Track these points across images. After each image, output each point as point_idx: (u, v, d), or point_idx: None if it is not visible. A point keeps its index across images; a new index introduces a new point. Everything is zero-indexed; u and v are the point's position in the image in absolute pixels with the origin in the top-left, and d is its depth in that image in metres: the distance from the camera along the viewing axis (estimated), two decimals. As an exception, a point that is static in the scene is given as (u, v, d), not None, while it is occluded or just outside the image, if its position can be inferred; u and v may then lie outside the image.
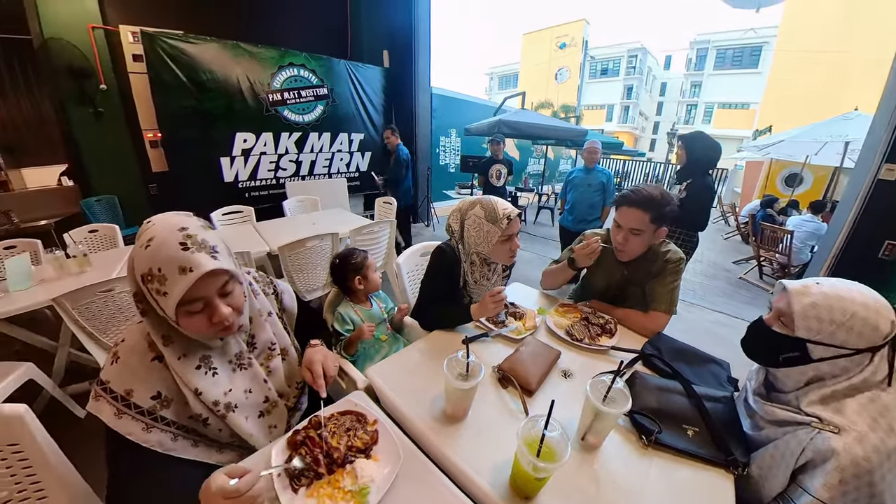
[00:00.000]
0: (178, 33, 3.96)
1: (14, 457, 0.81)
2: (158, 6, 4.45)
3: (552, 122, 6.69)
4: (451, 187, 7.22)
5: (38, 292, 1.94)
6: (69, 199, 4.71)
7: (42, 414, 0.84)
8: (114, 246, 2.96)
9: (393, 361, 1.14)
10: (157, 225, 0.68)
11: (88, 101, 4.21)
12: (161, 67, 3.86)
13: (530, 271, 4.07)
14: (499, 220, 1.21)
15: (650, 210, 1.24)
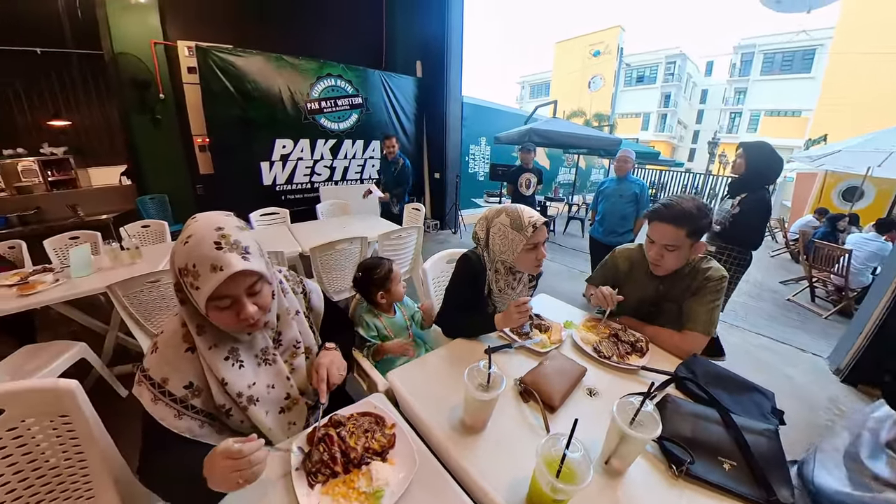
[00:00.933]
0: (227, 47, 4.26)
1: (64, 427, 0.89)
2: (212, 22, 4.81)
3: (584, 131, 6.55)
4: (480, 195, 7.22)
5: (95, 279, 2.13)
6: (127, 197, 5.15)
7: (90, 391, 0.92)
8: (162, 240, 3.20)
9: (414, 366, 1.14)
10: (198, 223, 0.73)
11: (148, 110, 4.60)
12: (212, 78, 4.17)
13: (558, 283, 3.98)
14: (524, 228, 1.19)
15: (685, 225, 1.17)
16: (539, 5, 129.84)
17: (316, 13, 5.57)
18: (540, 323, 1.33)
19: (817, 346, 2.95)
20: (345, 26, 5.83)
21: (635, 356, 1.17)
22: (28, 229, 4.42)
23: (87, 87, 5.57)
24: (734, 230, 2.18)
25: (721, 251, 2.25)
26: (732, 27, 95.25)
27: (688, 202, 1.19)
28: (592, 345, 1.21)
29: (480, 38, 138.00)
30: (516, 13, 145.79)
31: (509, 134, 5.89)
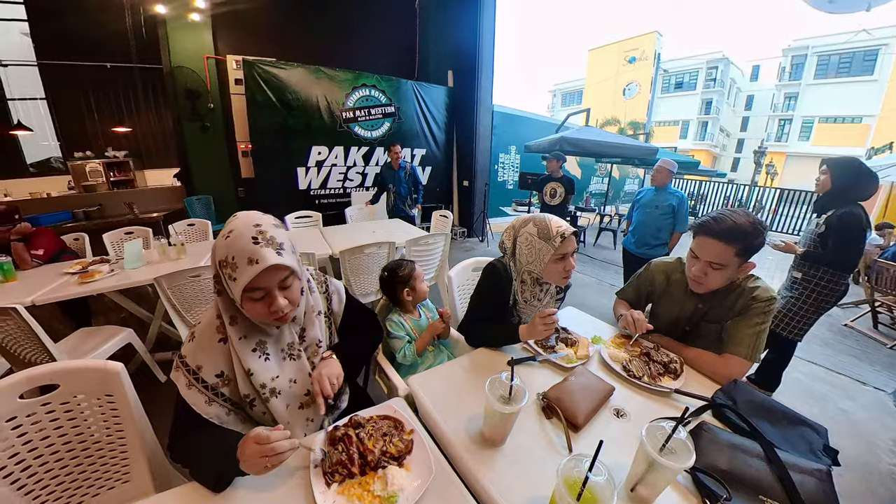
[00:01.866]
0: (271, 60, 4.54)
1: (108, 406, 0.97)
2: (257, 38, 5.15)
3: (618, 140, 6.37)
4: (508, 204, 7.18)
5: (144, 272, 2.30)
6: (176, 197, 5.56)
7: (133, 374, 1.00)
8: (205, 238, 3.42)
9: (435, 374, 1.14)
10: (238, 220, 0.79)
11: (198, 118, 4.96)
12: (256, 89, 4.44)
13: (587, 296, 3.85)
14: (552, 238, 1.16)
15: (736, 242, 1.07)
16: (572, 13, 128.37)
17: (353, 26, 5.81)
18: (566, 337, 1.29)
19: (880, 380, 2.67)
20: (380, 38, 6.05)
21: (668, 378, 1.10)
22: (91, 223, 4.86)
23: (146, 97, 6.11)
24: (822, 251, 1.96)
25: (808, 278, 2.02)
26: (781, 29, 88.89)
27: (741, 217, 1.09)
28: (622, 363, 1.15)
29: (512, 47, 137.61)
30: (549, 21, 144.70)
31: (539, 142, 5.82)
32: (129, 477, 1.01)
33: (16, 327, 1.68)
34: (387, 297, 1.52)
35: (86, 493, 0.98)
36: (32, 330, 1.67)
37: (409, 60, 6.41)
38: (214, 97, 4.96)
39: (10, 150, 6.32)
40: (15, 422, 0.87)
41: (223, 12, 4.89)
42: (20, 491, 0.87)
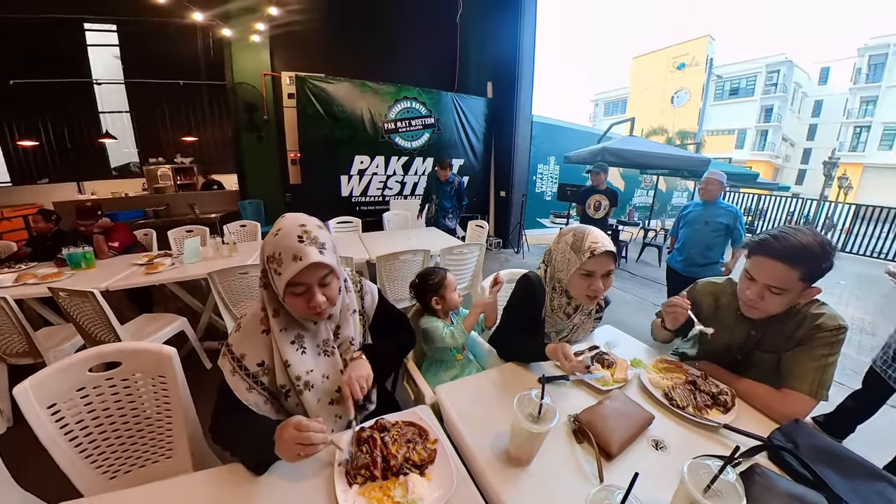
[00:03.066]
0: (320, 76, 4.86)
1: (161, 386, 1.07)
2: (309, 55, 5.51)
3: (665, 150, 6.04)
4: (546, 215, 7.03)
5: (200, 266, 2.52)
6: (232, 200, 6.05)
7: (183, 359, 1.09)
8: (255, 239, 3.68)
9: (463, 384, 1.13)
10: (286, 220, 0.85)
11: (255, 129, 5.38)
12: (306, 102, 4.75)
13: (627, 315, 3.64)
14: (581, 252, 1.11)
15: (801, 265, 0.95)
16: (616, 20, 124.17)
17: (397, 42, 6.05)
18: (603, 357, 1.22)
19: None
20: (422, 53, 6.24)
21: (716, 411, 1.00)
22: (158, 221, 5.40)
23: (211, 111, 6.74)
24: None
25: None
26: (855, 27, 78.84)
27: (807, 236, 0.96)
28: (663, 390, 1.07)
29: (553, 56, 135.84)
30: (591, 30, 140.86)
31: (580, 153, 5.66)
32: (172, 454, 1.10)
33: (91, 309, 1.91)
34: (419, 303, 1.53)
35: (134, 463, 1.08)
36: (104, 312, 1.89)
37: (450, 73, 6.54)
38: (269, 110, 5.37)
39: (98, 156, 7.20)
40: (83, 392, 1.00)
41: (280, 33, 5.32)
42: (82, 454, 0.99)
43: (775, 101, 23.54)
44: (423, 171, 5.73)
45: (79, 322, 2.02)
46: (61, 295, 1.94)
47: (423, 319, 1.43)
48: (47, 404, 0.94)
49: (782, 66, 23.20)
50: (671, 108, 24.77)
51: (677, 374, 1.15)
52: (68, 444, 0.96)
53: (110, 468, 1.04)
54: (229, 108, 5.49)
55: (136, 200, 6.09)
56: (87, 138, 6.94)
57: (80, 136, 6.97)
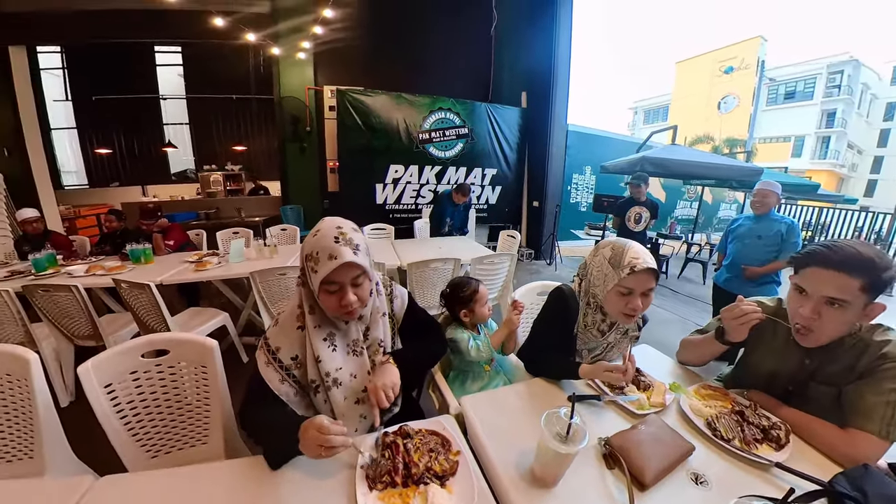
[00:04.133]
0: (359, 89, 5.09)
1: (202, 375, 1.15)
2: (349, 69, 5.81)
3: (711, 159, 5.70)
4: (581, 227, 6.83)
5: (243, 266, 2.69)
6: (274, 205, 6.44)
7: (223, 352, 1.17)
8: (294, 242, 3.88)
9: (489, 396, 1.11)
10: (325, 222, 0.91)
11: (298, 139, 5.71)
12: (346, 115, 4.97)
13: (666, 334, 3.43)
14: (620, 267, 1.06)
15: (862, 273, 0.85)
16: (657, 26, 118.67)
17: (433, 55, 6.22)
18: (640, 379, 1.14)
19: None
20: (456, 65, 6.37)
21: (767, 446, 0.90)
22: (209, 223, 5.84)
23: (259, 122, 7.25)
24: None
25: None
26: None
27: (862, 246, 0.88)
28: (706, 419, 0.98)
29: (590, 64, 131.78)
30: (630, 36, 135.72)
31: (618, 163, 5.46)
32: (207, 440, 1.18)
33: (147, 300, 2.10)
34: (448, 311, 1.52)
35: (173, 445, 1.17)
36: (158, 303, 2.06)
37: (484, 84, 6.61)
38: (311, 122, 5.67)
39: (160, 163, 7.95)
40: (135, 375, 1.10)
41: (323, 50, 5.65)
42: (130, 432, 1.09)
43: (839, 104, 21.28)
44: (455, 181, 5.78)
45: (136, 311, 2.23)
46: (123, 286, 2.15)
47: (450, 329, 1.42)
48: (105, 384, 1.04)
49: (846, 66, 21.05)
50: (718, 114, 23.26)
51: (722, 403, 1.06)
52: (119, 421, 1.06)
53: (153, 447, 1.13)
54: (276, 119, 5.88)
55: (190, 203, 6.65)
56: (152, 147, 7.68)
57: (147, 145, 7.73)
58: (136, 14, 5.26)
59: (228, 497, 0.77)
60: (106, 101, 7.17)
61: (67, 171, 7.95)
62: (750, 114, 21.78)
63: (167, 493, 0.78)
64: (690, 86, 25.01)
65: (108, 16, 5.27)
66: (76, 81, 7.32)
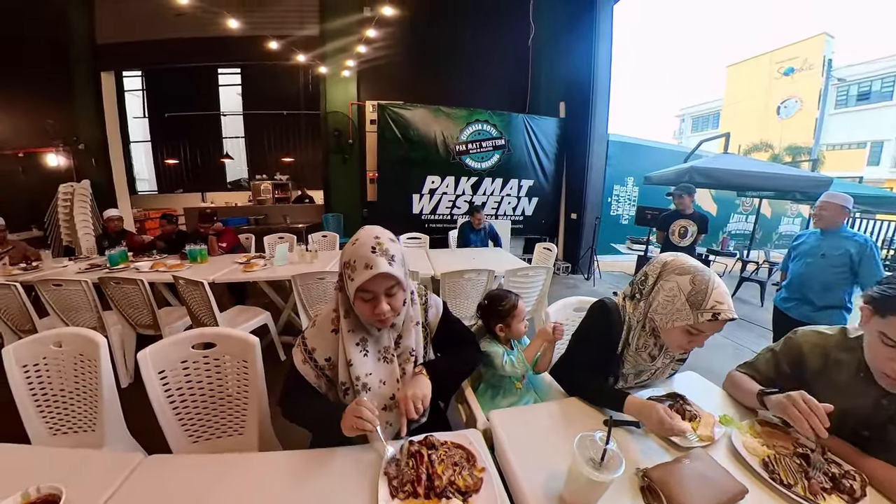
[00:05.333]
0: (399, 103, 5.31)
1: (243, 370, 1.23)
2: (389, 84, 6.06)
3: (769, 169, 5.23)
4: (622, 241, 6.52)
5: (286, 269, 2.86)
6: (317, 213, 6.80)
7: (263, 349, 1.23)
8: (333, 248, 4.07)
9: (519, 413, 1.09)
10: (364, 231, 0.94)
11: (341, 151, 6.01)
12: (386, 127, 5.18)
13: (717, 360, 3.12)
14: (701, 310, 0.94)
15: None
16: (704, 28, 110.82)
17: (470, 67, 6.34)
18: (685, 408, 1.04)
19: None
20: (494, 77, 6.44)
21: (838, 498, 0.78)
22: (258, 228, 6.27)
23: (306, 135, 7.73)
24: None
25: None
26: None
27: None
28: (762, 458, 0.88)
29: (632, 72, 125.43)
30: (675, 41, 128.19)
31: (663, 173, 5.17)
32: (244, 432, 1.25)
33: (200, 296, 2.29)
34: (483, 324, 1.48)
35: (213, 433, 1.25)
36: (209, 300, 2.25)
37: (521, 95, 6.60)
38: (354, 135, 5.95)
39: (218, 172, 8.69)
40: (185, 364, 1.20)
41: (366, 67, 5.97)
42: (177, 416, 1.19)
43: (925, 104, 18.76)
44: (491, 192, 5.78)
45: (190, 305, 2.45)
46: (180, 282, 2.37)
47: (483, 342, 1.39)
48: (159, 370, 1.15)
49: (933, 61, 18.44)
50: (777, 119, 21.28)
51: (782, 443, 0.93)
52: (168, 405, 1.16)
53: (195, 433, 1.22)
54: (321, 133, 6.24)
55: (242, 209, 7.20)
56: (211, 158, 8.42)
57: (207, 156, 8.49)
58: (204, 41, 5.88)
59: (258, 487, 0.82)
60: (175, 118, 7.99)
61: (141, 179, 8.91)
62: (815, 118, 19.62)
63: (205, 477, 0.84)
64: (744, 90, 23.13)
65: (180, 44, 5.95)
66: (152, 101, 8.25)
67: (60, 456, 0.93)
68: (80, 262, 3.35)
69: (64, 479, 0.74)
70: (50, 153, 6.15)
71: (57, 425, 1.25)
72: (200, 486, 0.82)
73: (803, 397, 0.86)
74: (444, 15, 6.08)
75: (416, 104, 5.34)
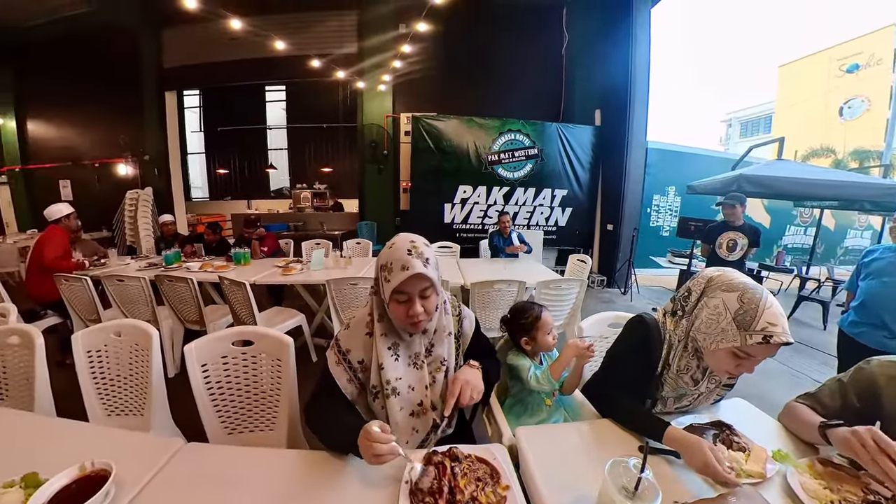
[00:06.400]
0: (432, 115, 5.44)
1: (277, 368, 1.27)
2: (423, 97, 6.23)
3: (831, 176, 4.74)
4: (662, 254, 6.19)
5: (321, 274, 2.99)
6: (352, 221, 7.07)
7: (296, 350, 1.27)
8: (366, 255, 4.21)
9: (547, 431, 1.05)
10: (400, 236, 0.97)
11: (376, 162, 6.21)
12: (419, 139, 5.31)
13: (770, 388, 2.84)
14: (749, 331, 0.85)
15: None
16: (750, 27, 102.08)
17: (503, 78, 6.37)
18: (733, 439, 0.94)
19: None
20: (527, 87, 6.42)
21: None
22: (296, 234, 6.63)
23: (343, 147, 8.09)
24: None
25: None
26: None
27: None
28: (823, 503, 0.80)
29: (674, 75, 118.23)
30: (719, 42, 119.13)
31: (708, 182, 4.84)
32: (274, 428, 1.30)
33: (242, 296, 2.45)
34: (509, 336, 1.45)
35: (245, 426, 1.31)
36: (250, 300, 2.41)
37: (555, 104, 6.54)
38: (388, 146, 6.14)
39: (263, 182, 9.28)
40: (225, 359, 1.27)
41: (401, 81, 6.17)
42: (215, 408, 1.26)
43: None
44: (523, 202, 5.72)
45: (232, 304, 2.63)
46: (225, 283, 2.55)
47: (511, 354, 1.36)
48: (202, 363, 1.23)
49: None
50: (839, 121, 19.31)
51: (849, 487, 0.82)
52: (208, 397, 1.24)
53: (230, 425, 1.29)
54: (357, 144, 6.49)
55: (283, 216, 7.64)
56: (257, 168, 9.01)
57: (253, 166, 9.10)
58: (254, 62, 6.43)
59: (285, 483, 0.84)
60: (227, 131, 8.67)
61: (195, 187, 9.70)
62: (886, 119, 17.54)
63: (237, 467, 0.89)
64: (799, 91, 21.17)
65: (233, 65, 6.57)
66: (208, 116, 9.01)
67: (112, 435, 1.03)
68: (140, 260, 3.75)
69: (114, 456, 0.81)
70: (120, 163, 7.05)
71: (111, 407, 1.39)
72: (232, 475, 0.86)
73: (873, 435, 0.76)
74: (476, 28, 6.20)
75: (448, 115, 5.44)
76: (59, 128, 7.45)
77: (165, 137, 6.88)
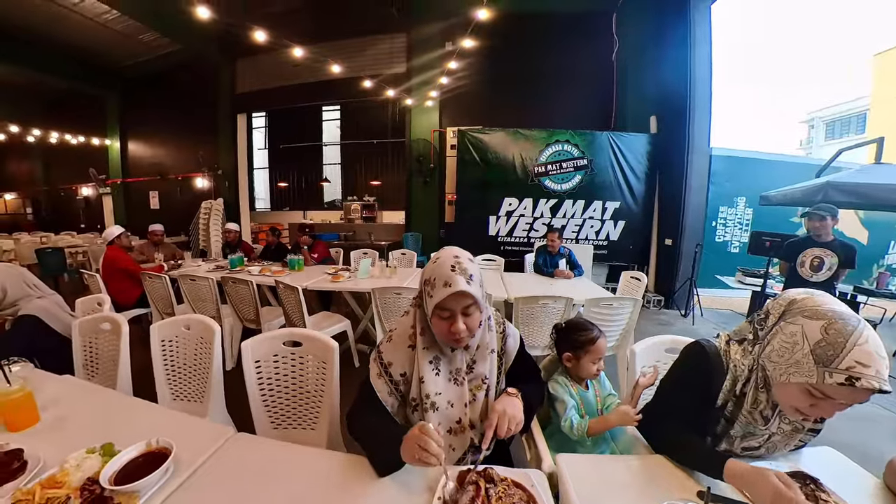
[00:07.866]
0: (478, 128, 5.51)
1: (322, 370, 1.34)
2: (469, 111, 6.36)
3: None
4: (730, 272, 5.54)
5: (367, 282, 3.11)
6: (398, 232, 7.32)
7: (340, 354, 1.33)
8: (411, 266, 4.32)
9: (592, 462, 0.96)
10: (444, 251, 0.97)
11: (422, 175, 6.40)
12: (465, 151, 5.37)
13: (868, 437, 2.36)
14: (829, 368, 0.71)
15: None
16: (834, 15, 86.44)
17: (551, 88, 6.27)
18: (818, 496, 0.79)
19: None
20: (575, 96, 6.27)
21: None
22: (346, 243, 7.04)
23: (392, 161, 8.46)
24: None
25: None
26: None
27: None
28: None
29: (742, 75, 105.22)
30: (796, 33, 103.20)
31: (787, 191, 4.27)
32: (315, 427, 1.36)
33: (294, 299, 2.62)
34: (555, 347, 1.36)
35: (290, 423, 1.38)
36: (301, 303, 2.58)
37: (606, 112, 6.28)
38: (435, 159, 6.29)
39: (318, 194, 9.92)
40: (276, 358, 1.36)
41: (447, 97, 6.36)
42: (263, 402, 1.35)
43: None
44: (571, 215, 5.51)
45: (285, 307, 2.83)
46: (280, 286, 2.75)
47: (552, 381, 1.27)
48: (255, 359, 1.33)
49: None
50: None
51: None
52: (258, 391, 1.33)
53: (276, 420, 1.37)
54: (405, 158, 6.74)
55: (335, 226, 8.16)
56: (313, 182, 9.68)
57: (310, 180, 9.78)
58: (312, 85, 7.16)
59: (323, 482, 0.87)
60: (287, 148, 9.45)
61: (259, 198, 10.63)
62: None
63: (279, 461, 0.94)
64: None
65: (294, 88, 7.40)
66: (272, 135, 9.88)
67: (175, 418, 1.13)
68: (209, 262, 4.22)
69: (175, 437, 0.89)
70: (198, 177, 8.35)
71: (176, 392, 1.54)
72: (274, 468, 0.91)
73: None
74: (521, 40, 6.19)
75: (494, 128, 5.46)
76: (151, 147, 9.19)
77: (236, 154, 7.92)
